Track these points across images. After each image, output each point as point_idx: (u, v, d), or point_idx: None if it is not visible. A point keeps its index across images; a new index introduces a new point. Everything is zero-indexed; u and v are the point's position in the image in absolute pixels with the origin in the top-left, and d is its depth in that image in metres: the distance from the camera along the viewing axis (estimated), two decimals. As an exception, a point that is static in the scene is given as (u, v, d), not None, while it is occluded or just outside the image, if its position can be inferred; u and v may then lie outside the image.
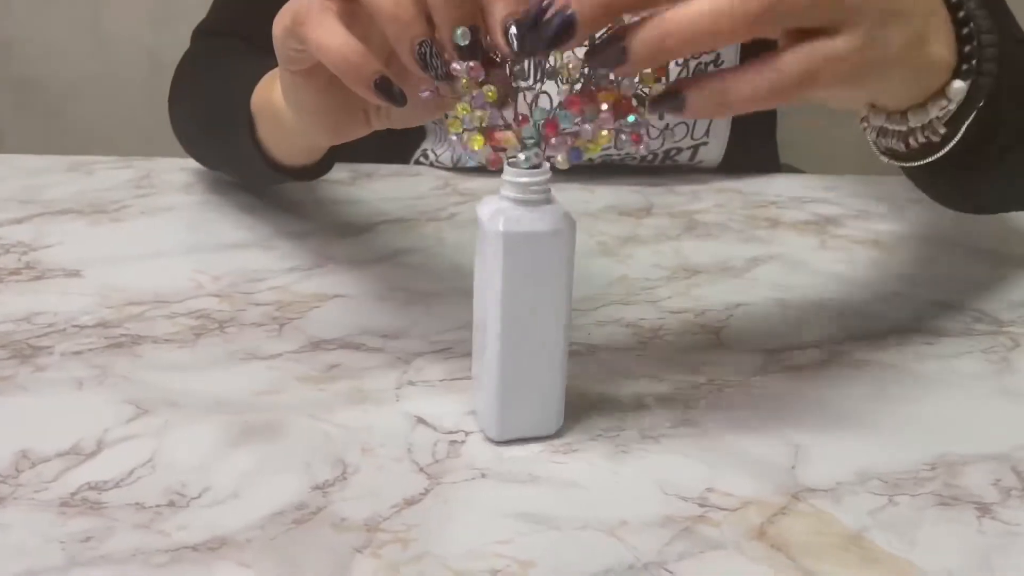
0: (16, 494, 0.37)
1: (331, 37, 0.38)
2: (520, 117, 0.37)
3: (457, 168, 0.77)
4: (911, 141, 0.45)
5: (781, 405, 0.44)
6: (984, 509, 0.37)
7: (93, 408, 0.43)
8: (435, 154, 0.80)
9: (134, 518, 0.36)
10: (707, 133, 0.76)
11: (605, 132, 0.37)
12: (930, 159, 0.45)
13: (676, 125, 0.75)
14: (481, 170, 0.74)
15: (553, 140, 0.37)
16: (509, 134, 0.37)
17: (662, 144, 0.75)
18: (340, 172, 0.73)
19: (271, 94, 0.53)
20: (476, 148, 0.37)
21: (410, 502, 0.37)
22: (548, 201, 0.38)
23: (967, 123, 0.43)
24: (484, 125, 0.37)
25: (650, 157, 0.77)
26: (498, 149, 0.38)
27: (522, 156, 0.38)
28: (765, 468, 0.39)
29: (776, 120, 0.87)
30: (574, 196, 0.71)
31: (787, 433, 0.42)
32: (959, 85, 0.42)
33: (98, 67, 1.41)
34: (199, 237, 0.62)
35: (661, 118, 0.39)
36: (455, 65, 0.37)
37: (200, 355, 0.47)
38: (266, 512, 0.36)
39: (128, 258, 0.58)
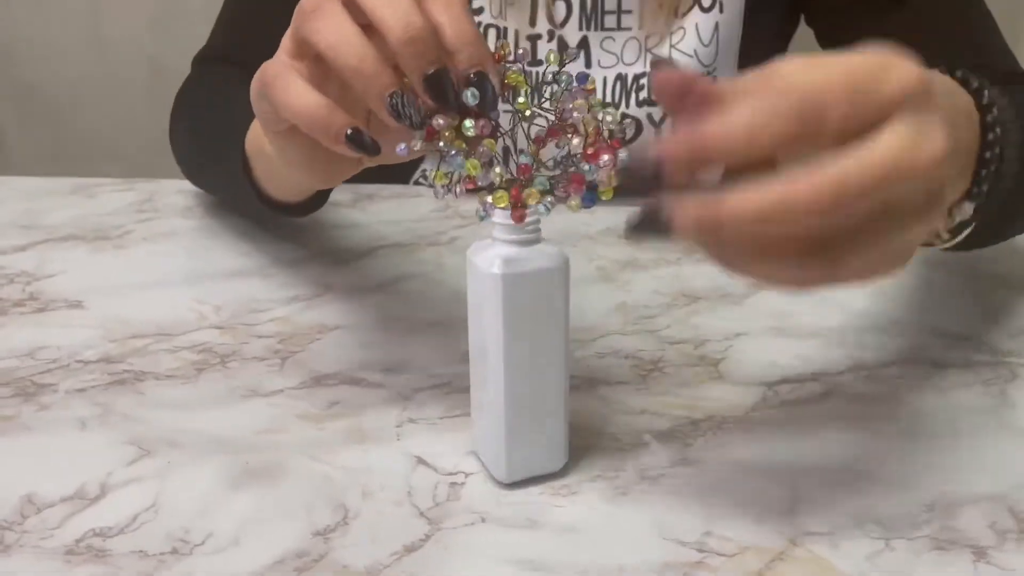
0: (22, 541, 0.37)
1: (297, 97, 0.38)
2: (521, 166, 0.38)
3: (458, 189, 0.77)
4: None
5: (779, 443, 0.44)
6: (980, 553, 0.38)
7: (96, 449, 0.43)
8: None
9: (138, 566, 0.36)
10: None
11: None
12: (935, 247, 0.46)
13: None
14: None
15: (572, 189, 0.37)
16: (531, 190, 0.37)
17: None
18: (341, 193, 0.74)
19: (264, 139, 0.53)
20: (502, 206, 0.37)
21: (410, 549, 0.37)
22: (540, 240, 0.39)
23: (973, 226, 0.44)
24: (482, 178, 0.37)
25: (651, 177, 0.77)
26: (520, 205, 0.37)
27: (542, 208, 0.38)
28: (763, 511, 0.40)
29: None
30: (574, 218, 0.71)
31: (785, 473, 0.42)
32: (967, 207, 0.42)
33: (99, 72, 1.41)
34: (201, 264, 0.62)
35: None
36: (438, 120, 0.37)
37: (202, 391, 0.48)
38: (268, 560, 0.37)
39: (130, 287, 0.59)
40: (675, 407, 0.47)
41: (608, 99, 0.74)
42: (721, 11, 0.72)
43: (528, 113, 0.38)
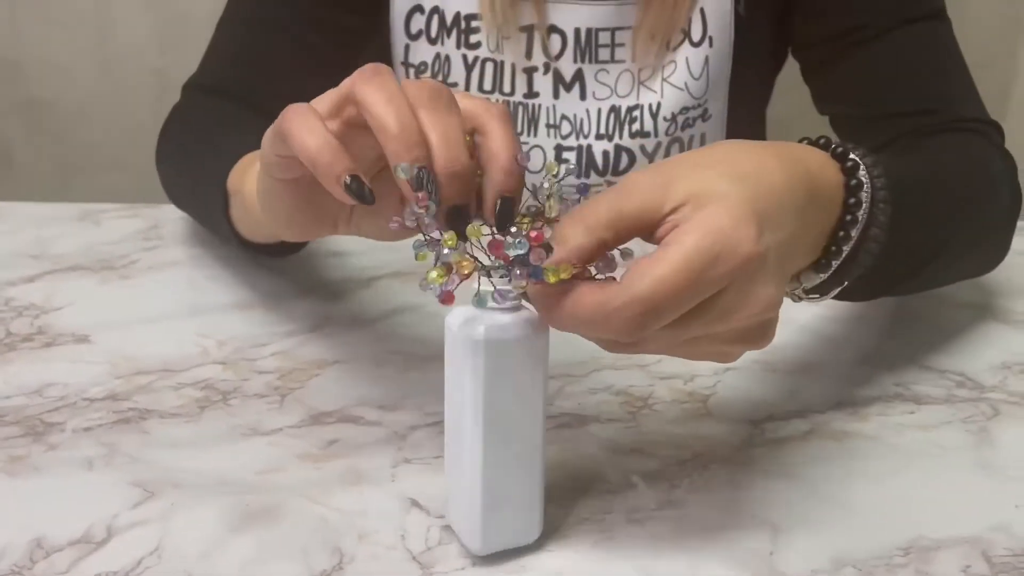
0: (31, 585, 0.39)
1: (309, 132, 0.39)
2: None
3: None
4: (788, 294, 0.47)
5: (763, 484, 0.46)
6: (953, 598, 0.39)
7: (102, 491, 0.45)
8: (434, 200, 0.81)
9: (142, 610, 0.38)
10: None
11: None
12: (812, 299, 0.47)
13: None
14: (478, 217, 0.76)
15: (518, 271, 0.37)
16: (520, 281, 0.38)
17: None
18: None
19: (243, 182, 0.54)
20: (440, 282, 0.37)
21: (403, 593, 0.39)
22: (520, 307, 0.39)
23: (838, 290, 0.45)
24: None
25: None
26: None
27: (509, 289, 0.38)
28: (745, 555, 0.41)
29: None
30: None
31: (767, 515, 0.44)
32: (813, 276, 0.44)
33: (105, 88, 1.43)
34: (204, 296, 0.64)
35: None
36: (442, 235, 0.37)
37: (204, 430, 0.49)
38: (266, 605, 0.38)
39: (136, 321, 0.60)
40: (664, 446, 0.48)
41: (602, 130, 0.76)
42: (711, 45, 0.73)
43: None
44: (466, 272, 0.37)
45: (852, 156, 0.44)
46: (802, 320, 0.61)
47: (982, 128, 0.68)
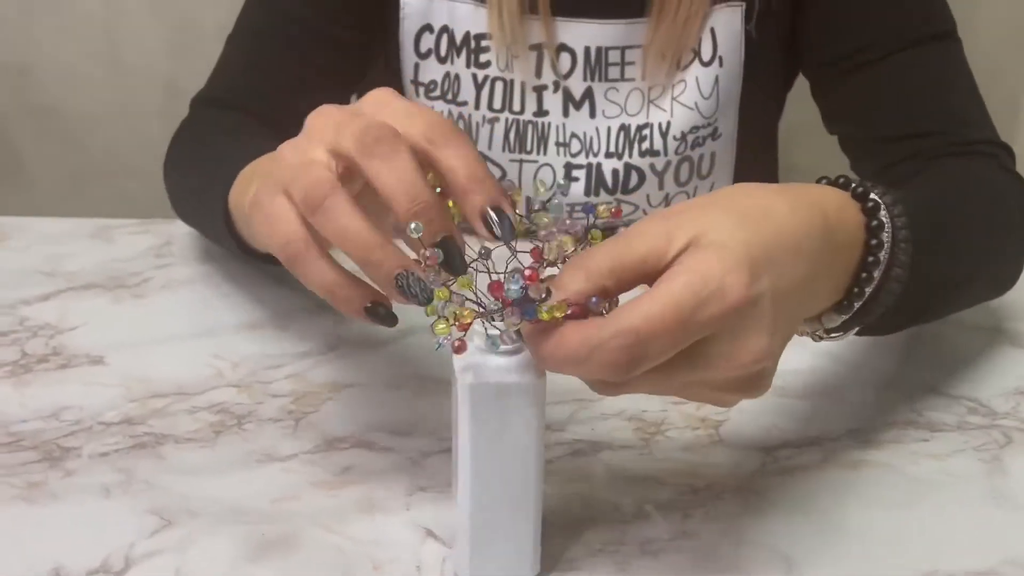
0: (50, 616, 0.39)
1: (321, 275, 0.39)
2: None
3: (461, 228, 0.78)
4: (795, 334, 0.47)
5: (777, 515, 0.46)
6: (968, 634, 0.39)
7: (120, 518, 0.45)
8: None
9: (160, 642, 0.38)
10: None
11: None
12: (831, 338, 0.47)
13: (676, 196, 0.77)
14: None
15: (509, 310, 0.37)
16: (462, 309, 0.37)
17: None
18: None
19: (246, 194, 0.52)
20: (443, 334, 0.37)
21: (419, 626, 0.39)
22: (518, 351, 0.39)
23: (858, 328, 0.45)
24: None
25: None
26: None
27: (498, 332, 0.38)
28: (758, 587, 0.41)
29: (777, 182, 0.88)
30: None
31: (781, 547, 0.44)
32: (835, 317, 0.44)
33: (115, 95, 1.43)
34: (217, 315, 0.64)
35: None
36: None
37: (220, 455, 0.50)
38: (284, 638, 0.38)
39: (150, 341, 0.60)
40: (677, 474, 0.48)
41: (612, 148, 0.76)
42: (721, 65, 0.74)
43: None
44: (467, 321, 0.36)
45: (872, 196, 0.44)
46: (814, 345, 0.61)
47: (992, 150, 0.68)
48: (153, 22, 1.40)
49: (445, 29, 0.74)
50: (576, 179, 0.76)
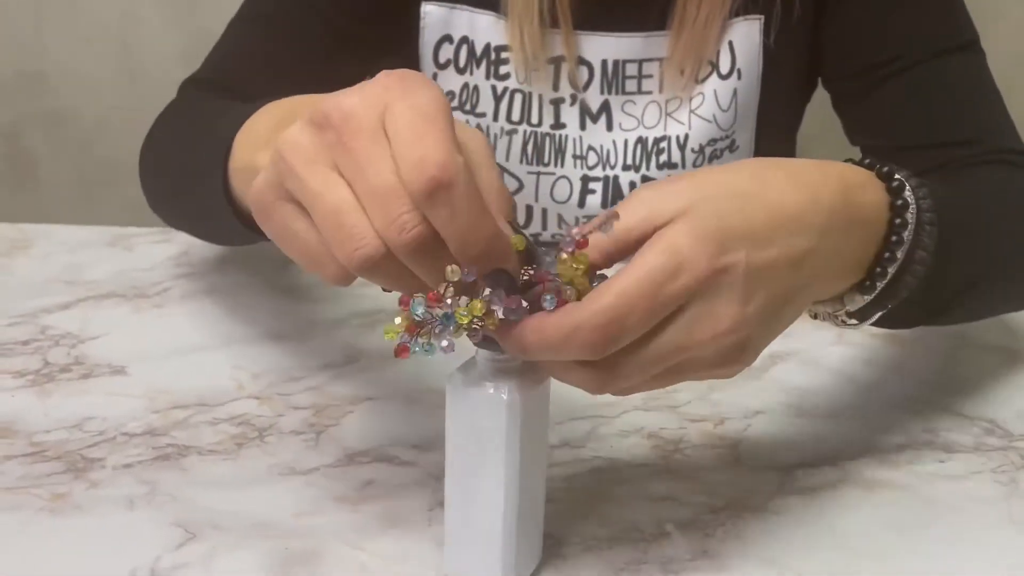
0: (77, 628, 0.40)
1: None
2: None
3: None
4: (818, 317, 0.47)
5: (795, 535, 0.46)
6: (987, 658, 0.39)
7: (145, 531, 0.45)
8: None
9: (187, 656, 0.38)
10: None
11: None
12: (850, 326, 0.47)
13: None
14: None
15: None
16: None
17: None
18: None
19: (254, 160, 0.47)
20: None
21: (443, 644, 0.39)
22: (506, 371, 0.39)
23: (881, 313, 0.45)
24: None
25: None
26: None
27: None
28: (779, 608, 0.42)
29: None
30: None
31: (801, 568, 0.44)
32: (857, 298, 0.44)
33: (129, 101, 1.44)
34: (237, 326, 0.64)
35: None
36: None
37: (242, 468, 0.50)
38: (309, 654, 0.39)
39: (171, 352, 0.61)
40: (696, 493, 0.49)
41: (629, 161, 0.76)
42: (739, 78, 0.74)
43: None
44: (400, 322, 0.36)
45: (897, 177, 0.44)
46: (829, 363, 0.62)
47: (1017, 160, 0.68)
48: (167, 29, 1.41)
49: (465, 40, 0.75)
50: (593, 191, 0.77)
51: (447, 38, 0.75)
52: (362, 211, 0.35)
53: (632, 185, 0.77)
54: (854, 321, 0.46)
